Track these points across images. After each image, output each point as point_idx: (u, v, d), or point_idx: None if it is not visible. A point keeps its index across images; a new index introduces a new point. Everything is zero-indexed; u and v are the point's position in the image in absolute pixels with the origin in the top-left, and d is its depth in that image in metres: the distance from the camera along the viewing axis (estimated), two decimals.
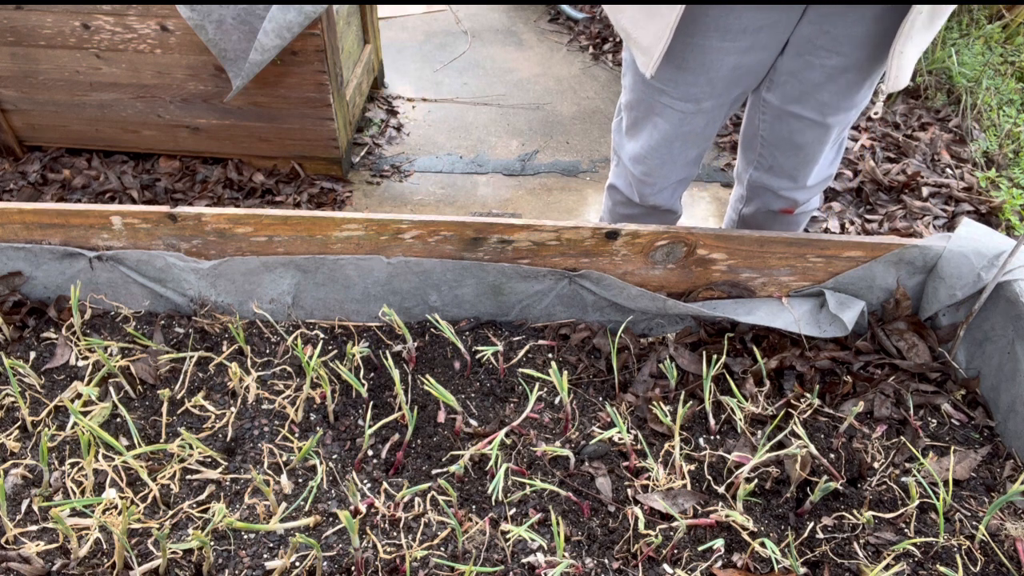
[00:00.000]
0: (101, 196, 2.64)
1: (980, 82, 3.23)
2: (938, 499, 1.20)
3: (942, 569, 1.15)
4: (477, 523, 1.19)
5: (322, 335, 1.55)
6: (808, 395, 1.41)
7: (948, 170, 2.90)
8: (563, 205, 2.83)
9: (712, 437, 1.38)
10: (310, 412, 1.39)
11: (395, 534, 1.19)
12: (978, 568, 1.17)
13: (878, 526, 1.22)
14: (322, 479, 1.26)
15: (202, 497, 1.23)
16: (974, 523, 1.23)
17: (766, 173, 1.73)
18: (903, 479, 1.29)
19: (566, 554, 1.15)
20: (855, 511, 1.23)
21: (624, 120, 1.72)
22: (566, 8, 4.08)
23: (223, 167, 2.77)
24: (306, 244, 1.52)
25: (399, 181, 2.92)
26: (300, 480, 1.27)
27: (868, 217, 2.70)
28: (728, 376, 1.44)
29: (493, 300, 1.58)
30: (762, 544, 1.15)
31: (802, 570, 1.15)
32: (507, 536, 1.17)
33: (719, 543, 1.16)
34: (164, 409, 1.36)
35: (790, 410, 1.40)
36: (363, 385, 1.38)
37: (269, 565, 1.13)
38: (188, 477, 1.26)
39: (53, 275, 1.55)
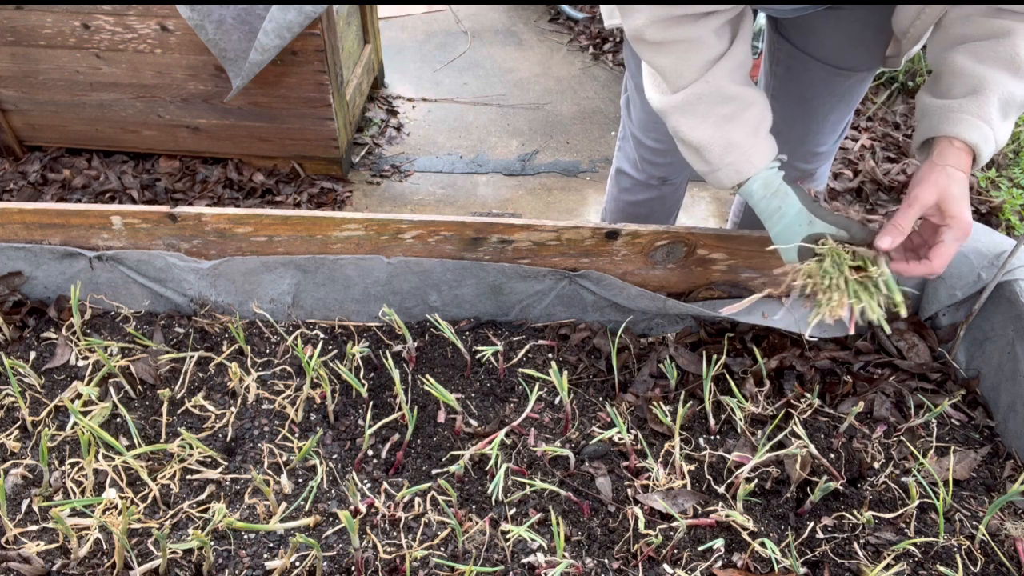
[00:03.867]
0: (101, 196, 2.64)
1: None
2: (938, 499, 1.20)
3: (942, 569, 1.15)
4: (477, 523, 1.19)
5: (322, 335, 1.55)
6: (808, 395, 1.41)
7: None
8: (563, 205, 2.83)
9: (712, 437, 1.38)
10: (310, 412, 1.39)
11: (395, 534, 1.19)
12: (978, 568, 1.17)
13: (878, 526, 1.22)
14: (322, 479, 1.26)
15: (202, 497, 1.23)
16: (974, 523, 1.23)
17: (775, 139, 1.72)
18: (903, 479, 1.29)
19: (566, 554, 1.15)
20: (855, 511, 1.23)
21: (632, 92, 1.71)
22: (566, 8, 4.08)
23: (223, 167, 2.76)
24: (306, 244, 1.52)
25: (399, 181, 2.92)
26: (300, 480, 1.27)
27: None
28: (728, 376, 1.44)
29: (493, 300, 1.58)
30: (762, 544, 1.15)
31: (802, 570, 1.15)
32: (507, 536, 1.17)
33: (719, 543, 1.16)
34: (164, 409, 1.36)
35: (790, 410, 1.40)
36: (363, 385, 1.38)
37: (269, 565, 1.13)
38: (188, 477, 1.26)
39: (53, 275, 1.55)
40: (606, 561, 1.16)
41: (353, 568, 1.13)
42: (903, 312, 1.13)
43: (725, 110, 1.19)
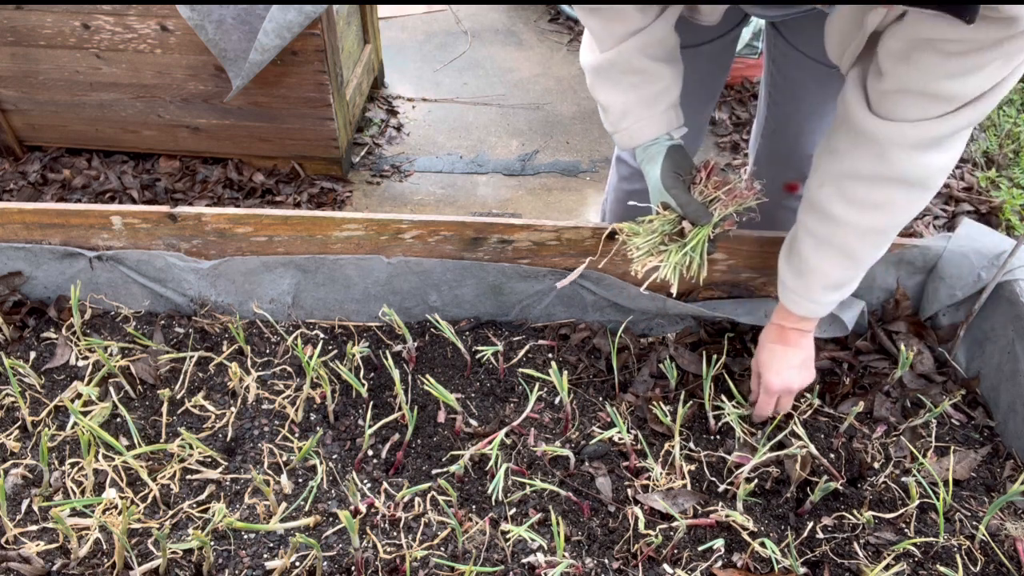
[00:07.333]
0: (101, 196, 2.64)
1: None
2: (938, 499, 1.20)
3: (942, 569, 1.15)
4: (477, 523, 1.19)
5: (322, 335, 1.55)
6: (808, 395, 1.41)
7: None
8: (563, 205, 2.83)
9: (712, 437, 1.37)
10: (310, 412, 1.39)
11: (395, 534, 1.19)
12: (978, 568, 1.17)
13: (878, 526, 1.22)
14: (322, 479, 1.26)
15: (202, 497, 1.23)
16: (974, 523, 1.23)
17: (771, 139, 1.75)
18: (903, 479, 1.29)
19: (566, 554, 1.15)
20: (855, 511, 1.23)
21: None
22: (566, 8, 4.07)
23: (223, 167, 2.76)
24: (306, 244, 1.52)
25: (399, 181, 2.92)
26: (300, 480, 1.27)
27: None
28: (728, 376, 1.44)
29: (493, 300, 1.58)
30: (762, 544, 1.15)
31: (802, 570, 1.15)
32: (507, 536, 1.17)
33: (719, 543, 1.16)
34: (164, 409, 1.36)
35: (790, 410, 1.40)
36: (363, 385, 1.38)
37: (269, 565, 1.13)
38: (188, 477, 1.26)
39: (53, 275, 1.55)
40: (606, 561, 1.16)
41: (353, 568, 1.13)
42: (674, 288, 1.29)
43: (631, 80, 1.28)
